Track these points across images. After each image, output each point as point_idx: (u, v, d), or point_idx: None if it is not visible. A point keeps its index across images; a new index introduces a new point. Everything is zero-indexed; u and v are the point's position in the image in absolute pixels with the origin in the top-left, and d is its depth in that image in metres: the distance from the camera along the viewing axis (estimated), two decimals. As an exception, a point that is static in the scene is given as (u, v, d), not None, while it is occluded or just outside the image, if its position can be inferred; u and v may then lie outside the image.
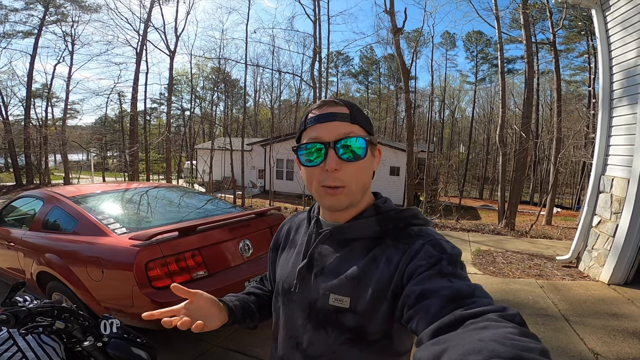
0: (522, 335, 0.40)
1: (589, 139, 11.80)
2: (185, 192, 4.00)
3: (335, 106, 0.70)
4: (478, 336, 0.40)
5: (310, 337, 0.72)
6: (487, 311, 0.47)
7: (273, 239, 0.95)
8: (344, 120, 0.68)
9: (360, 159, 0.67)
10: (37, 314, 1.07)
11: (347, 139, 0.67)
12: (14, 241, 3.09)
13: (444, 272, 0.58)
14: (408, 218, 0.71)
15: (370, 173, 0.72)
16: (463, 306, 0.50)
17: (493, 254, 5.67)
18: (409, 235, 0.68)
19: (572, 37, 24.63)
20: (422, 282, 0.58)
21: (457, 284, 0.55)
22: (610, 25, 4.39)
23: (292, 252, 0.83)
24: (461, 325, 0.46)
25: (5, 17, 21.41)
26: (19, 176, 21.61)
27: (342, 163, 0.67)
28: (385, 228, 0.70)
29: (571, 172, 29.05)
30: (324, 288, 0.70)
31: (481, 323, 0.44)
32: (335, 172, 0.66)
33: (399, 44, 10.80)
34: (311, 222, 0.82)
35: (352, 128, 0.68)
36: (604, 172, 4.55)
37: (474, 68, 38.25)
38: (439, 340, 0.44)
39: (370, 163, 0.71)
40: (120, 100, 29.60)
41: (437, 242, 0.65)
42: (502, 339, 0.38)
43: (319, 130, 0.68)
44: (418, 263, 0.61)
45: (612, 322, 3.17)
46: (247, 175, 19.83)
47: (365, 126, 0.71)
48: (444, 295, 0.53)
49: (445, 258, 0.61)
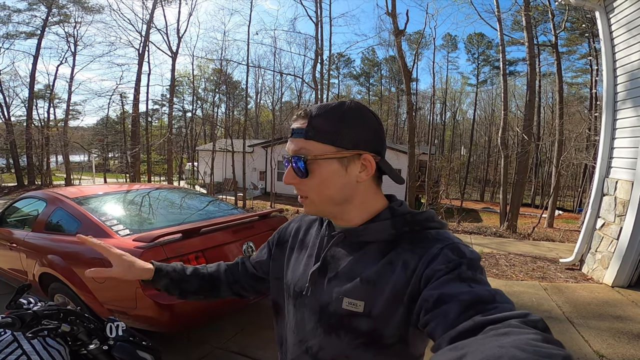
0: (544, 341, 0.38)
1: (590, 142, 11.77)
2: (187, 194, 4.00)
3: (297, 120, 0.70)
4: (498, 342, 0.38)
5: (322, 341, 0.71)
6: (508, 317, 0.46)
7: (278, 232, 0.93)
8: (298, 137, 0.69)
9: (303, 176, 0.69)
10: (43, 316, 1.05)
11: (295, 156, 0.69)
12: (16, 242, 3.08)
13: (463, 276, 0.57)
14: (424, 221, 0.70)
15: (339, 186, 0.69)
16: (483, 311, 0.49)
17: (496, 257, 5.65)
18: (426, 238, 0.67)
19: (574, 39, 24.64)
20: (440, 286, 0.56)
21: (477, 288, 0.54)
22: (614, 28, 4.38)
23: (303, 254, 0.82)
24: (481, 331, 0.45)
25: (9, 18, 21.52)
26: (20, 177, 21.67)
27: (298, 178, 0.70)
28: (400, 231, 0.69)
29: (573, 175, 29.02)
30: (337, 292, 0.69)
31: (502, 329, 0.42)
32: (295, 184, 0.71)
33: (401, 45, 10.82)
34: (323, 224, 0.81)
35: (304, 144, 0.68)
36: (608, 174, 4.54)
37: (476, 70, 38.35)
38: (458, 345, 0.42)
39: (334, 176, 0.68)
40: (122, 101, 29.68)
41: (456, 246, 0.64)
42: (524, 345, 0.36)
43: (288, 144, 0.72)
44: (436, 267, 0.60)
45: (617, 324, 3.15)
46: (249, 176, 19.84)
47: (324, 140, 0.67)
48: (463, 300, 0.52)
49: (464, 262, 0.60)
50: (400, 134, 38.64)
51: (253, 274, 0.96)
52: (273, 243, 0.93)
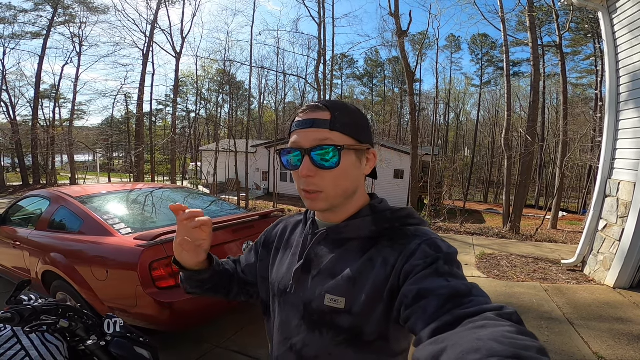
0: (519, 333, 0.40)
1: (595, 143, 11.69)
2: (189, 193, 4.03)
3: (316, 111, 0.69)
4: (476, 335, 0.40)
5: (305, 338, 0.72)
6: (484, 310, 0.47)
7: (265, 234, 0.94)
8: (322, 127, 0.68)
9: (332, 167, 0.67)
10: (42, 312, 1.07)
11: (320, 146, 0.67)
12: (20, 240, 3.12)
13: (440, 271, 0.58)
14: (404, 218, 0.72)
15: (354, 178, 0.71)
16: (461, 305, 0.50)
17: (497, 258, 5.63)
18: (405, 235, 0.68)
19: (579, 40, 24.49)
20: (419, 281, 0.58)
21: (454, 283, 0.55)
22: (617, 28, 4.37)
23: (288, 253, 0.83)
24: (459, 324, 0.46)
25: (14, 18, 21.70)
26: (25, 176, 21.87)
27: (317, 170, 0.67)
28: (381, 228, 0.70)
29: (577, 176, 28.83)
30: (319, 289, 0.70)
31: (479, 322, 0.44)
32: (310, 178, 0.68)
33: (404, 46, 10.81)
34: (307, 223, 0.82)
35: (329, 135, 0.67)
36: (611, 175, 4.52)
37: (479, 71, 38.20)
38: (438, 339, 0.44)
39: (352, 168, 0.70)
40: (127, 101, 29.82)
41: (433, 242, 0.65)
42: (500, 338, 0.38)
43: (299, 136, 0.69)
44: (415, 263, 0.61)
45: (617, 325, 3.14)
46: (251, 177, 19.89)
47: (347, 132, 0.69)
48: (441, 294, 0.53)
49: (442, 257, 0.61)
50: (404, 134, 38.55)
51: (243, 279, 0.95)
52: (260, 244, 0.94)
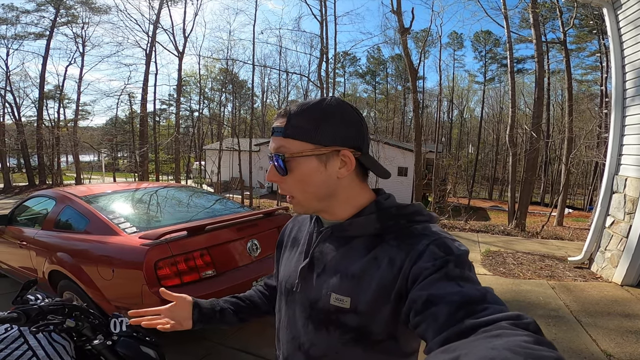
0: (536, 343, 0.38)
1: (601, 139, 11.61)
2: (194, 192, 4.04)
3: (278, 119, 0.71)
4: (490, 344, 0.38)
5: (312, 337, 0.71)
6: (500, 319, 0.45)
7: (279, 237, 0.95)
8: (278, 135, 0.69)
9: (283, 174, 0.69)
10: (48, 312, 1.08)
11: (276, 154, 0.69)
12: (27, 240, 3.14)
13: (451, 275, 0.56)
14: (410, 215, 0.69)
15: (319, 183, 0.69)
16: (474, 313, 0.48)
17: (503, 255, 5.61)
18: (412, 234, 0.66)
19: (583, 36, 24.24)
20: (428, 286, 0.55)
21: (466, 288, 0.53)
22: (622, 24, 4.32)
23: (295, 251, 0.83)
24: (473, 333, 0.44)
25: (17, 19, 21.77)
26: (31, 177, 22.01)
27: (280, 176, 0.70)
28: (385, 225, 0.68)
29: (583, 173, 28.59)
30: (325, 288, 0.69)
31: (494, 331, 0.42)
32: (279, 183, 0.71)
33: (407, 44, 10.76)
34: (312, 220, 0.81)
35: (283, 142, 0.69)
36: (617, 172, 4.47)
37: (483, 68, 37.91)
38: (450, 347, 0.42)
39: (315, 173, 0.68)
40: (131, 101, 29.96)
41: (442, 242, 0.62)
42: (516, 348, 0.36)
43: (270, 143, 0.72)
44: (423, 265, 0.59)
45: (625, 323, 3.11)
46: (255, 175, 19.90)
47: (302, 137, 0.67)
48: (452, 301, 0.51)
49: (452, 260, 0.58)
50: (407, 132, 38.40)
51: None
52: (276, 247, 0.94)
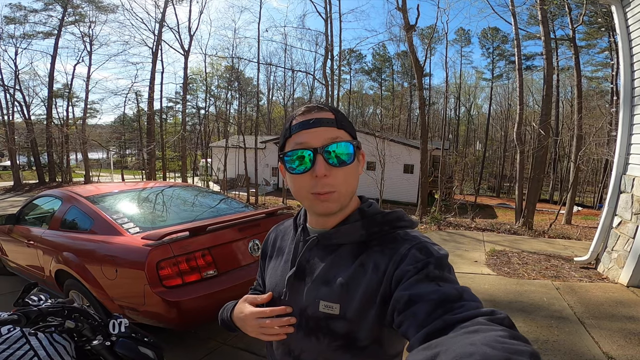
0: (512, 338, 0.40)
1: (611, 137, 11.42)
2: (199, 192, 4.06)
3: (320, 112, 0.69)
4: (469, 340, 0.40)
5: (302, 344, 0.73)
6: (476, 314, 0.47)
7: (262, 247, 0.95)
8: (330, 126, 0.68)
9: (347, 164, 0.67)
10: (48, 313, 1.10)
11: (334, 144, 0.66)
12: (34, 239, 3.20)
13: (431, 276, 0.58)
14: (393, 221, 0.71)
15: (357, 177, 0.72)
16: (452, 310, 0.50)
17: (508, 254, 5.56)
18: (394, 239, 0.68)
19: (593, 33, 23.80)
20: (410, 287, 0.58)
21: (444, 287, 0.55)
22: (631, 22, 4.24)
23: (280, 260, 0.83)
24: (451, 329, 0.46)
25: (25, 18, 22.04)
26: (41, 174, 22.33)
27: (331, 168, 0.66)
28: (370, 232, 0.70)
29: (593, 170, 28.21)
30: (313, 295, 0.71)
31: (471, 327, 0.44)
32: (324, 178, 0.66)
33: (412, 41, 10.68)
34: (297, 229, 0.82)
35: (338, 133, 0.68)
36: (625, 171, 4.41)
37: (490, 65, 37.52)
38: (431, 344, 0.43)
39: (356, 168, 0.71)
40: (138, 99, 30.18)
41: (423, 246, 0.65)
42: (493, 342, 0.38)
43: (305, 137, 0.67)
44: (405, 268, 0.61)
45: (629, 325, 3.08)
46: (261, 173, 19.99)
47: (350, 131, 0.71)
48: (432, 299, 0.53)
49: (432, 262, 0.61)
50: (413, 129, 38.20)
51: None
52: (260, 258, 0.96)
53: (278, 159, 0.73)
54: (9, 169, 25.46)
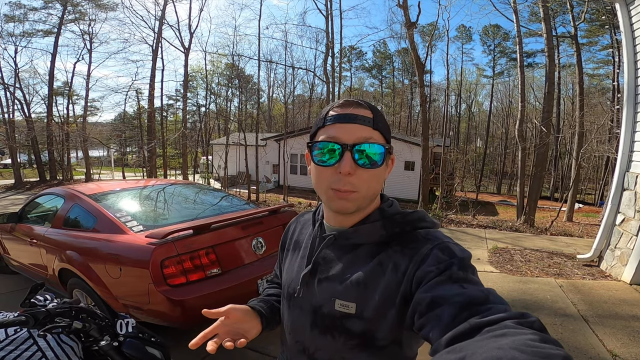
0: (542, 341, 0.38)
1: (613, 134, 11.38)
2: (200, 189, 4.06)
3: (358, 108, 0.67)
4: (496, 344, 0.38)
5: (317, 342, 0.72)
6: (504, 318, 0.45)
7: (282, 237, 0.94)
8: (365, 124, 0.65)
9: (375, 167, 0.66)
10: (56, 314, 1.10)
11: (366, 144, 0.65)
12: (37, 238, 3.19)
13: (454, 277, 0.56)
14: (415, 221, 0.69)
15: (382, 182, 0.71)
16: (478, 313, 0.48)
17: (511, 252, 5.56)
18: (415, 239, 0.67)
19: (595, 30, 23.68)
20: (432, 288, 0.56)
21: (469, 289, 0.54)
22: (635, 20, 4.22)
23: (297, 255, 0.82)
24: (478, 333, 0.44)
25: (25, 16, 21.93)
26: (42, 172, 22.31)
27: (357, 168, 0.64)
28: (391, 232, 0.68)
29: (594, 167, 28.18)
30: (329, 294, 0.70)
31: (499, 330, 0.42)
32: (348, 176, 0.64)
33: (413, 38, 10.63)
34: (315, 224, 0.81)
35: (372, 133, 0.66)
36: (629, 168, 4.39)
37: (492, 62, 37.40)
38: (456, 348, 0.42)
39: (384, 171, 0.69)
40: (138, 97, 30.13)
41: (446, 246, 0.63)
42: (522, 346, 0.36)
43: (338, 130, 0.65)
44: (427, 269, 0.60)
45: (633, 323, 3.08)
46: (262, 170, 19.96)
47: (385, 134, 0.69)
48: (456, 302, 0.51)
49: (455, 263, 0.59)
50: (414, 126, 38.10)
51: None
52: (280, 249, 0.94)
53: (307, 146, 0.70)
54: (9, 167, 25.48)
